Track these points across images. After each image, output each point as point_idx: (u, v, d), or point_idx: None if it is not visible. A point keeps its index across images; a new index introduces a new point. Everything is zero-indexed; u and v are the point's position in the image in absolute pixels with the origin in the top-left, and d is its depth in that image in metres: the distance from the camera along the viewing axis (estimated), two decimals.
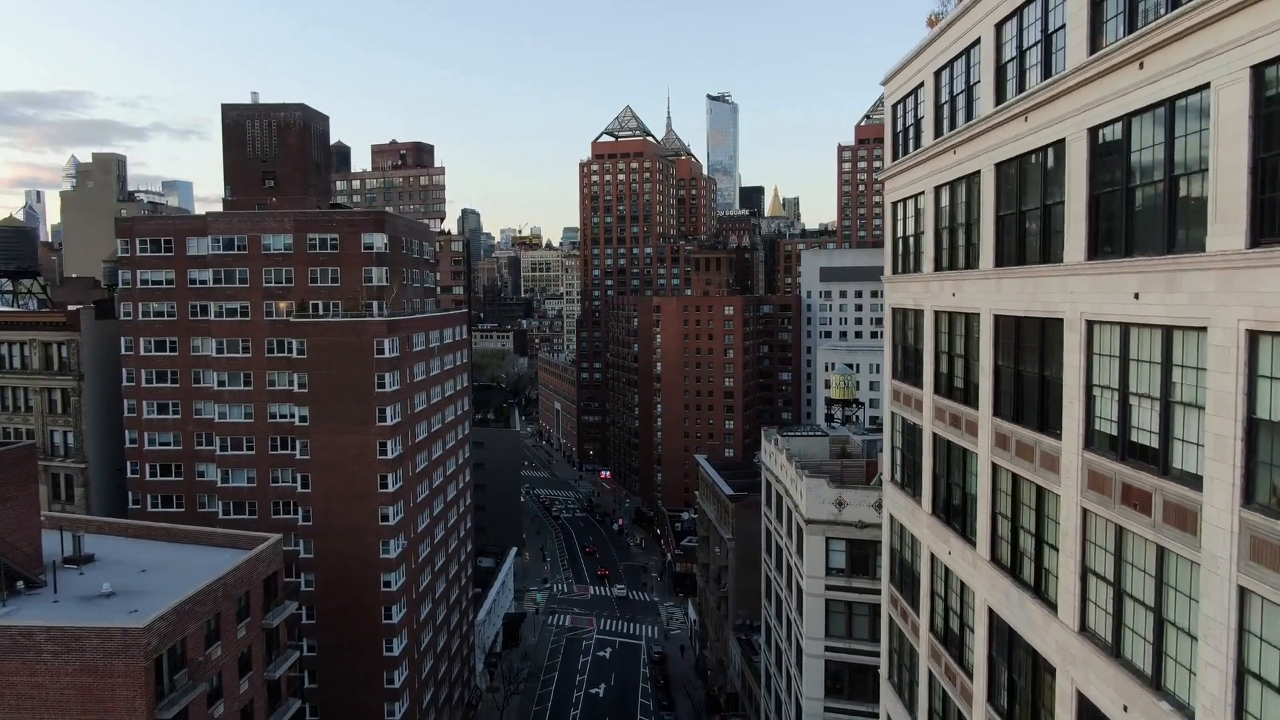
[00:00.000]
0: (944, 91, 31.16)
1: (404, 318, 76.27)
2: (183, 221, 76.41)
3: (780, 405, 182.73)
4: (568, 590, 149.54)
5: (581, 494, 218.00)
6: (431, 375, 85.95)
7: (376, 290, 73.68)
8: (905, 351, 37.10)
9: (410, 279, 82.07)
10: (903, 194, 36.32)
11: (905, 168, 35.35)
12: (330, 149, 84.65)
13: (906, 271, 36.26)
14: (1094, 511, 20.60)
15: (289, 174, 78.62)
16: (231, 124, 78.67)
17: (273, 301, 74.38)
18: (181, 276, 75.85)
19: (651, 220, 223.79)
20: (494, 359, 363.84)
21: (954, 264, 30.50)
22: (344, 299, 73.63)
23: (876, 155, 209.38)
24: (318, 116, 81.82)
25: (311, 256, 73.87)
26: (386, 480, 72.67)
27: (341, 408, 71.91)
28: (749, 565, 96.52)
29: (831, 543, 60.31)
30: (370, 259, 73.71)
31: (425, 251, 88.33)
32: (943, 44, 30.70)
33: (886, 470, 40.10)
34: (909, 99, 35.32)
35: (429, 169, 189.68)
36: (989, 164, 26.51)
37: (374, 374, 71.65)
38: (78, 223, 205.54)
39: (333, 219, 74.14)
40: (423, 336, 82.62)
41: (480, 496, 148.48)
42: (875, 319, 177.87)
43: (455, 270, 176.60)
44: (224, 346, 75.07)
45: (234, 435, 75.47)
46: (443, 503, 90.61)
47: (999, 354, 26.45)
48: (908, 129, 35.95)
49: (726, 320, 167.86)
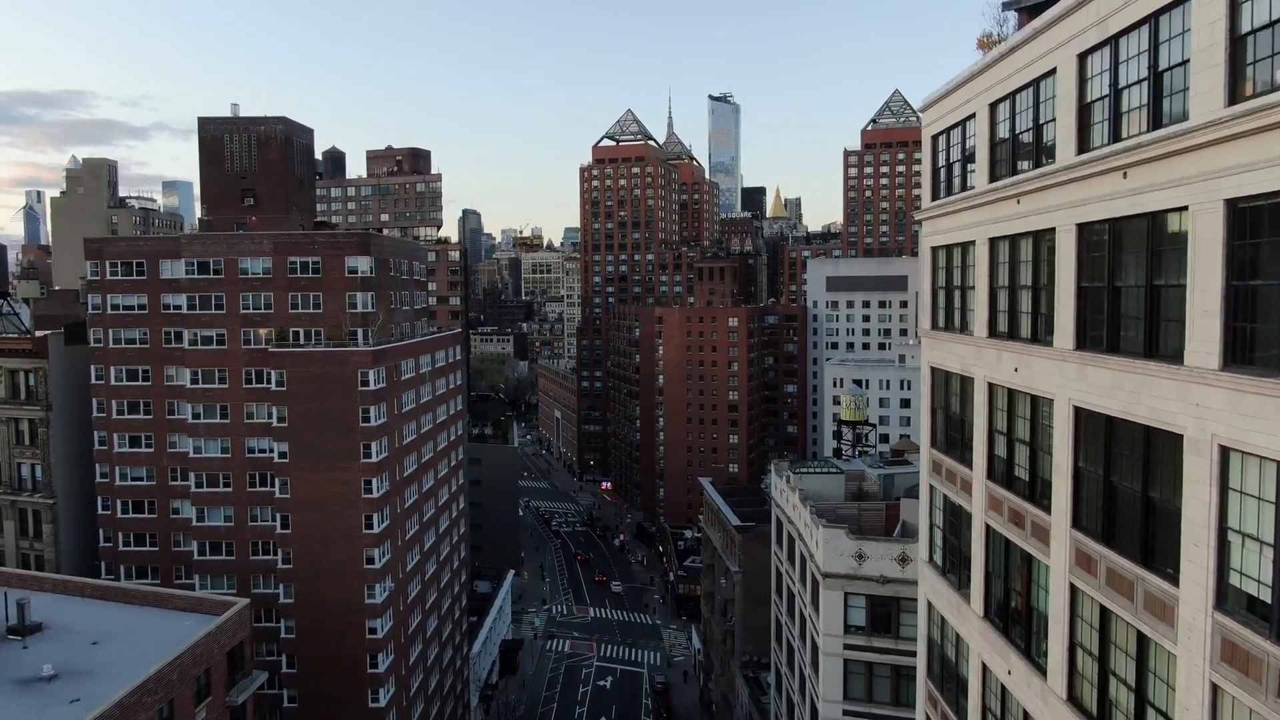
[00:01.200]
0: (1002, 127, 26.50)
1: (391, 345, 71.66)
2: (155, 243, 71.81)
3: (785, 418, 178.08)
4: (567, 612, 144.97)
5: (582, 506, 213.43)
6: (422, 403, 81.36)
7: (361, 317, 69.05)
8: (949, 420, 32.45)
9: (399, 301, 77.46)
10: (946, 240, 31.67)
11: (950, 211, 30.71)
12: (315, 164, 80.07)
13: (950, 329, 31.61)
14: (1233, 695, 15.94)
15: (270, 191, 73.98)
16: (208, 138, 74.06)
17: (251, 329, 69.77)
18: (154, 301, 71.26)
19: (653, 226, 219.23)
20: (494, 364, 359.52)
21: (1015, 332, 25.85)
22: (326, 327, 68.99)
23: (884, 160, 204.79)
24: (300, 129, 77.17)
25: (292, 281, 69.24)
26: (371, 520, 68.06)
27: (323, 444, 67.31)
28: (756, 599, 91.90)
29: (850, 598, 55.66)
30: (354, 284, 69.05)
31: (416, 271, 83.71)
32: (1001, 71, 26.06)
33: (923, 548, 35.46)
34: (955, 131, 30.68)
35: (425, 175, 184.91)
36: (1068, 223, 21.83)
37: (358, 408, 67.04)
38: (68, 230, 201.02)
39: (314, 241, 69.49)
40: (412, 363, 78.04)
41: (477, 515, 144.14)
42: (883, 330, 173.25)
43: (452, 281, 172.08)
44: (199, 377, 70.43)
45: (210, 471, 70.86)
46: (434, 535, 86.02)
47: (1081, 454, 21.77)
48: (952, 165, 31.30)
49: (731, 332, 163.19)
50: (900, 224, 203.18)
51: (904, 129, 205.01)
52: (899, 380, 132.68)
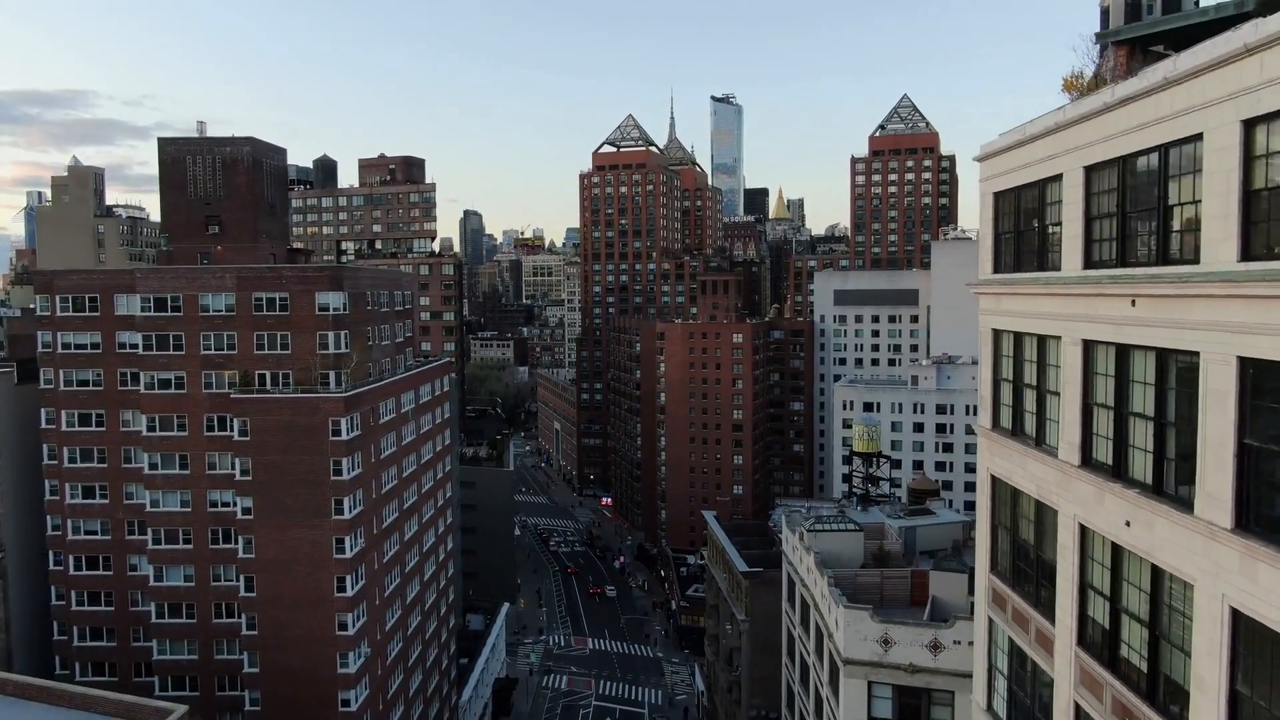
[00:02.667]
0: (1105, 201, 20.35)
1: (367, 388, 65.59)
2: (109, 276, 65.79)
3: (792, 437, 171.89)
4: (565, 643, 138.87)
5: (581, 523, 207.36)
6: (405, 444, 75.31)
7: (333, 359, 62.97)
8: (1016, 547, 26.35)
9: (378, 337, 71.37)
10: (1016, 326, 25.52)
11: (1022, 292, 24.56)
12: (287, 186, 74.06)
13: (1020, 436, 25.51)
14: None
15: (236, 218, 67.99)
16: (169, 161, 68.04)
17: (212, 371, 63.74)
18: (109, 340, 65.25)
19: (655, 235, 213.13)
20: (493, 371, 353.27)
21: (1124, 471, 19.71)
22: (295, 369, 62.93)
23: (892, 168, 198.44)
24: (270, 150, 71.14)
25: (257, 319, 63.17)
26: (345, 583, 61.99)
27: (291, 499, 61.25)
28: (764, 648, 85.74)
29: (875, 687, 49.46)
30: (325, 322, 62.97)
31: (398, 301, 77.60)
32: (1107, 126, 19.92)
33: (979, 690, 29.35)
34: (1029, 193, 24.54)
35: (419, 184, 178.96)
36: (1225, 352, 15.69)
37: (328, 460, 60.98)
38: (53, 239, 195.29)
39: (281, 276, 63.38)
40: (392, 403, 71.98)
41: (470, 541, 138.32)
42: (893, 345, 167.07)
43: (446, 295, 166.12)
44: (156, 423, 64.34)
45: (169, 526, 64.83)
46: (418, 584, 79.95)
47: (1242, 674, 15.66)
48: (1024, 233, 25.17)
49: (735, 349, 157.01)
50: (909, 233, 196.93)
51: (913, 135, 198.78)
52: (912, 404, 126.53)
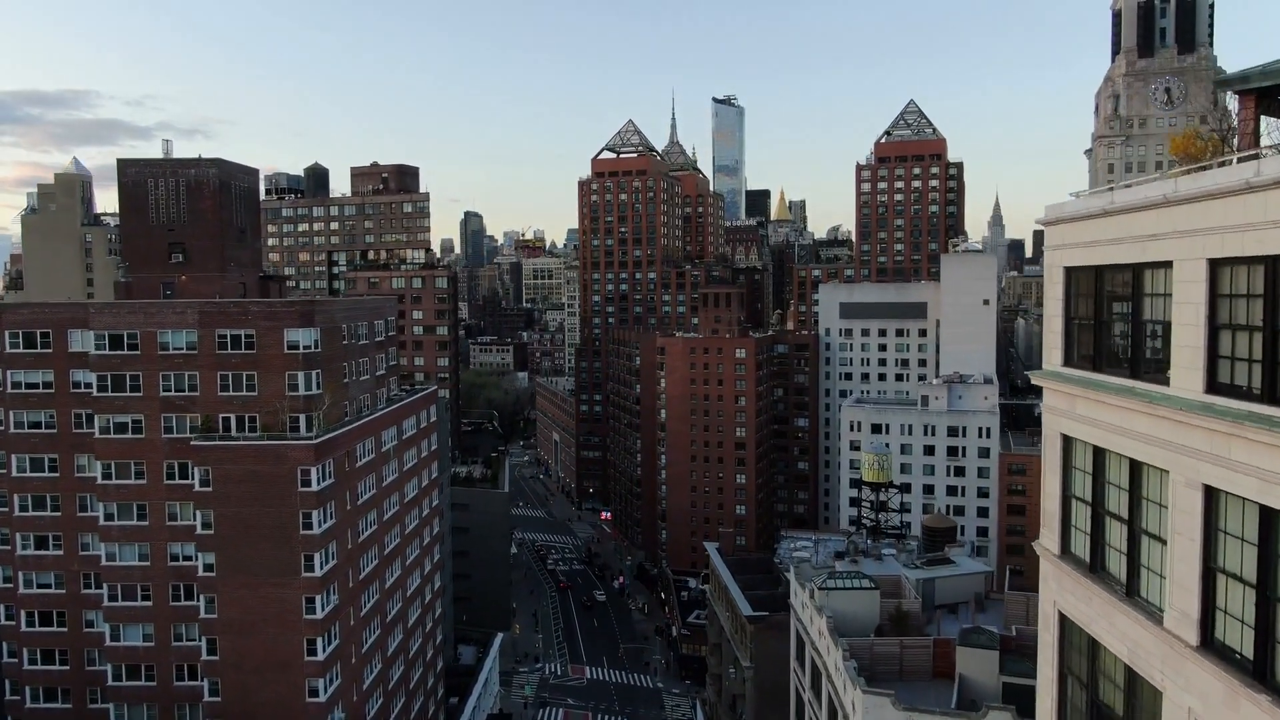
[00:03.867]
0: (1246, 309, 15.31)
1: (342, 431, 60.62)
2: (61, 309, 60.84)
3: (796, 454, 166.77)
4: (561, 672, 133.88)
5: (580, 539, 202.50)
6: (386, 485, 70.38)
7: (304, 401, 58.01)
8: (1097, 713, 21.23)
9: (355, 372, 66.39)
10: (1096, 439, 20.43)
11: (1110, 403, 19.51)
12: (259, 210, 69.08)
13: (1099, 575, 20.40)
14: None
15: (202, 245, 63.08)
16: (129, 184, 63.10)
17: (173, 414, 58.79)
18: (62, 378, 60.42)
19: (655, 243, 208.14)
20: (491, 379, 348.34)
21: (1268, 671, 14.65)
22: (262, 412, 57.99)
23: (898, 175, 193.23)
24: (240, 171, 66.22)
25: (221, 358, 58.24)
26: (316, 646, 57.02)
27: (256, 555, 56.32)
28: (770, 697, 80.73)
29: None
30: (295, 361, 58.00)
31: (378, 331, 72.59)
32: (1253, 211, 14.87)
33: None
34: (1121, 276, 19.50)
35: (412, 194, 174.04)
36: None
37: (297, 512, 56.05)
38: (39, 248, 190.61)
39: (247, 311, 58.42)
40: (372, 442, 67.04)
41: (463, 565, 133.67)
42: (901, 360, 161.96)
43: (440, 309, 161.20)
44: (112, 471, 59.39)
45: (126, 582, 59.93)
46: (401, 631, 75.00)
47: None
48: (1111, 323, 20.14)
49: (738, 364, 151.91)
50: (916, 242, 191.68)
51: (920, 142, 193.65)
52: (922, 425, 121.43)
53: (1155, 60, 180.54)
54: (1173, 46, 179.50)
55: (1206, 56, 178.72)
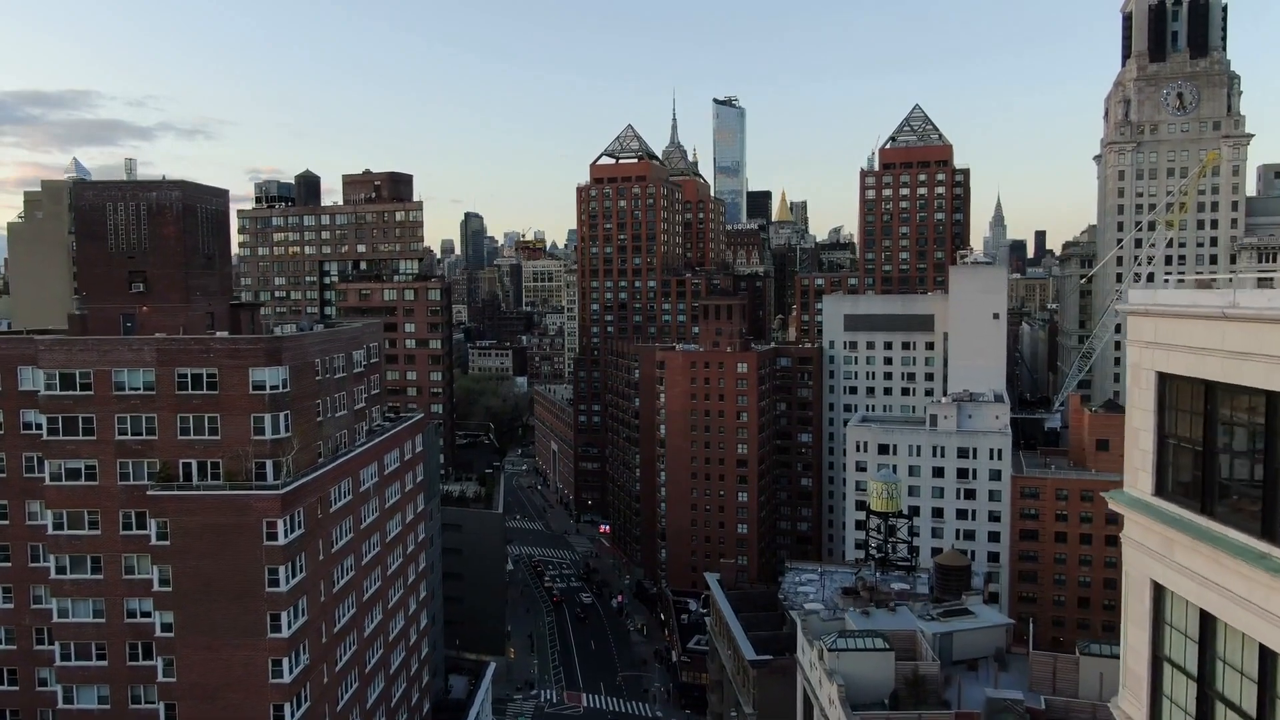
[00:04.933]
0: None
1: (313, 476, 56.19)
2: (9, 344, 56.40)
3: (800, 470, 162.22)
4: (557, 699, 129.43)
5: (578, 554, 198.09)
6: (365, 527, 65.96)
7: (270, 446, 53.58)
8: None
9: (330, 409, 61.97)
10: (1206, 603, 15.95)
11: (1226, 566, 15.02)
12: (228, 234, 64.63)
13: None
14: None
15: (164, 275, 58.67)
16: (87, 208, 58.70)
17: (129, 460, 54.38)
18: (11, 419, 56.07)
19: (655, 250, 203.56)
20: (490, 385, 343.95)
21: None
22: (226, 458, 53.54)
23: (904, 182, 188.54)
24: (207, 194, 61.80)
25: (181, 400, 53.81)
26: (283, 711, 52.55)
27: (218, 614, 51.91)
28: None
29: None
30: (261, 403, 53.57)
31: (358, 361, 68.16)
32: None
33: None
34: (1242, 400, 15.03)
35: (406, 203, 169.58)
36: None
37: (263, 568, 51.65)
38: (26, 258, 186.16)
39: (209, 349, 53.98)
40: (349, 483, 62.59)
41: (455, 588, 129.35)
42: (907, 374, 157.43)
43: (433, 321, 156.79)
44: (64, 520, 54.97)
45: (79, 640, 55.52)
46: (384, 679, 70.57)
47: None
48: (1220, 459, 15.68)
49: (740, 379, 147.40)
50: (922, 251, 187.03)
51: (925, 148, 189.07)
52: (931, 446, 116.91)
53: (1167, 64, 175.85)
54: (1185, 50, 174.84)
55: (1220, 60, 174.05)
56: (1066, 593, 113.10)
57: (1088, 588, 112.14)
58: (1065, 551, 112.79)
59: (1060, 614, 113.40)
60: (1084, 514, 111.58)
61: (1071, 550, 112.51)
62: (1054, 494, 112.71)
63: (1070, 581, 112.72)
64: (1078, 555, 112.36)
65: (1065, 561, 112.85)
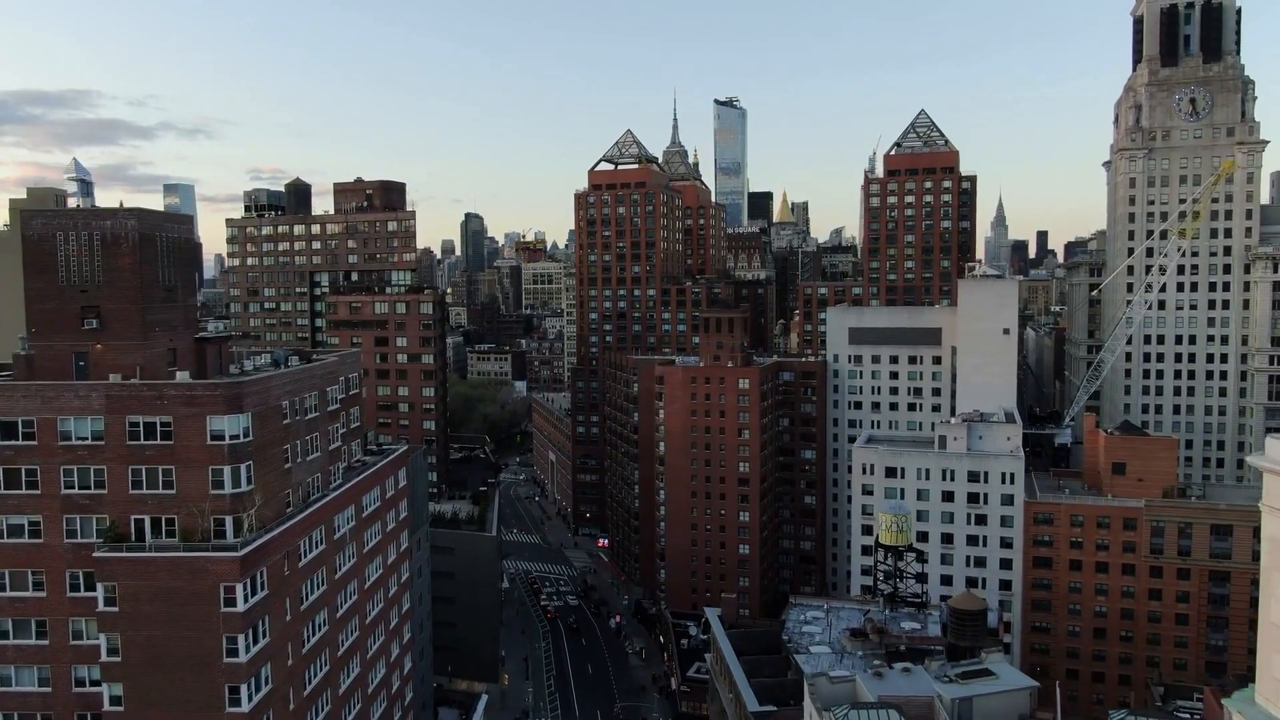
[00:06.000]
0: None
1: (278, 531, 51.75)
2: None
3: (803, 487, 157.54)
4: None
5: (576, 569, 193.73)
6: (340, 575, 61.54)
7: (230, 501, 49.15)
8: None
9: (301, 453, 57.49)
10: None
11: None
12: (196, 262, 60.20)
13: None
14: None
15: (119, 309, 54.21)
16: (35, 238, 54.26)
17: (76, 516, 49.91)
18: None
19: (655, 258, 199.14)
20: (488, 390, 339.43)
21: None
22: (181, 514, 49.07)
23: (909, 189, 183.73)
24: (168, 221, 57.26)
25: (132, 450, 49.39)
26: None
27: (171, 687, 47.49)
28: None
29: None
30: (220, 454, 49.12)
31: (332, 398, 63.66)
32: None
33: None
34: None
35: (398, 212, 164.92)
36: None
37: (220, 636, 47.18)
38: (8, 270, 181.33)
39: (163, 395, 49.50)
40: (321, 531, 58.12)
41: (447, 612, 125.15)
42: (914, 389, 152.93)
43: (425, 336, 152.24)
44: (6, 581, 50.49)
45: (24, 711, 51.04)
46: None
47: None
48: None
49: (741, 395, 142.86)
50: (927, 260, 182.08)
51: (931, 154, 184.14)
52: (940, 470, 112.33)
53: (1179, 69, 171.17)
54: (1198, 54, 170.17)
55: (1234, 65, 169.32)
56: (1082, 623, 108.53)
57: (1104, 618, 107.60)
58: (1081, 580, 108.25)
59: (1075, 645, 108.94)
60: (1100, 541, 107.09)
61: (1087, 579, 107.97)
62: (1069, 520, 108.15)
63: (1086, 611, 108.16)
64: (1094, 584, 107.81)
65: (1081, 590, 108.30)
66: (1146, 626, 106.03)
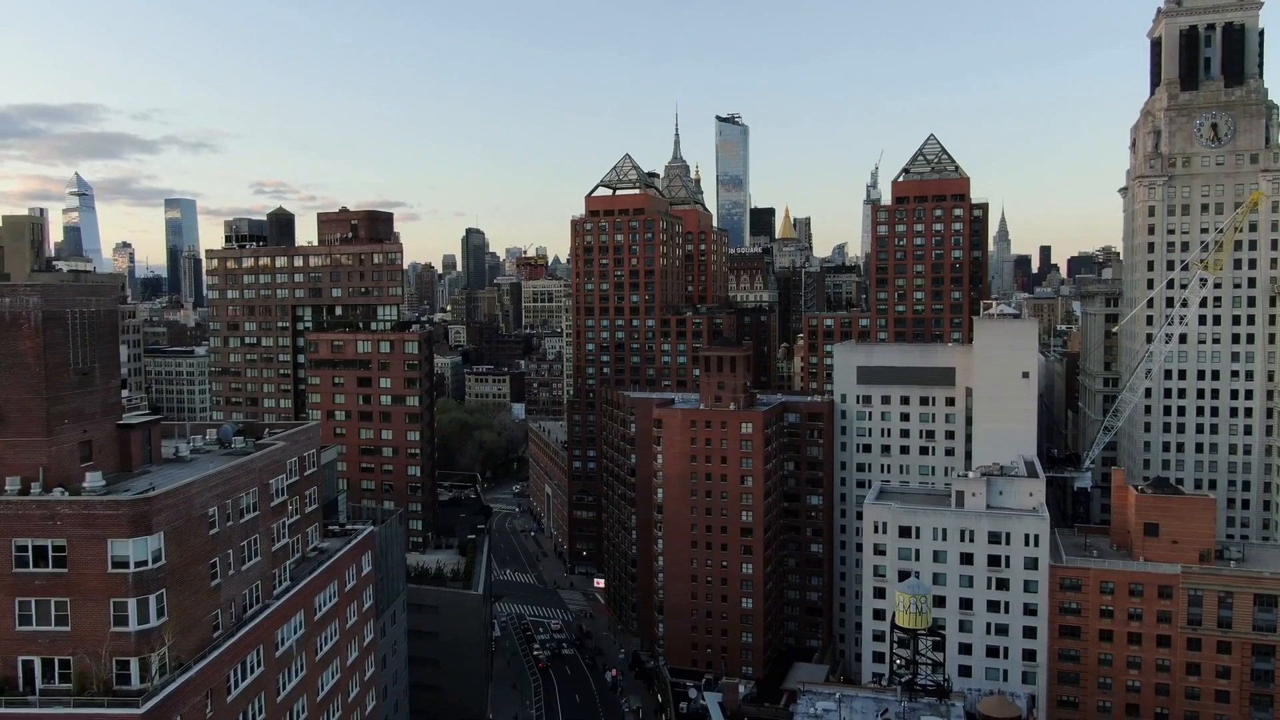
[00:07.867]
0: None
1: (197, 670, 43.85)
2: None
3: (809, 535, 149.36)
4: None
5: (572, 613, 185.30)
6: (285, 695, 53.46)
7: (135, 640, 41.29)
8: None
9: (235, 561, 49.62)
10: None
11: None
12: (114, 339, 52.48)
13: None
14: None
15: (19, 400, 46.60)
16: None
17: None
18: None
19: (654, 287, 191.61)
20: (484, 416, 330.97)
21: None
22: (77, 656, 41.18)
23: (917, 217, 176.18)
24: (83, 294, 49.61)
25: (20, 580, 41.64)
26: None
27: None
28: None
29: None
30: (123, 585, 41.30)
31: (277, 491, 55.75)
32: None
33: None
34: None
35: (384, 244, 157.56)
36: None
37: None
38: None
39: (55, 514, 41.75)
40: (259, 653, 50.15)
41: (431, 674, 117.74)
42: (925, 432, 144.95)
43: (410, 376, 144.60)
44: None
45: None
46: None
47: None
48: None
49: (744, 440, 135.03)
50: (938, 290, 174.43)
51: (941, 181, 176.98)
52: (958, 530, 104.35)
53: (1200, 93, 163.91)
54: (1219, 78, 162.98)
55: (1257, 89, 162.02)
56: (1113, 698, 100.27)
57: (1137, 693, 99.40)
58: (1111, 651, 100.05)
59: None
60: (1133, 610, 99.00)
61: (1118, 650, 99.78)
62: (1098, 587, 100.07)
63: (1117, 686, 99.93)
64: (1125, 656, 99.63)
65: (1111, 663, 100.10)
66: (1184, 703, 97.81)
